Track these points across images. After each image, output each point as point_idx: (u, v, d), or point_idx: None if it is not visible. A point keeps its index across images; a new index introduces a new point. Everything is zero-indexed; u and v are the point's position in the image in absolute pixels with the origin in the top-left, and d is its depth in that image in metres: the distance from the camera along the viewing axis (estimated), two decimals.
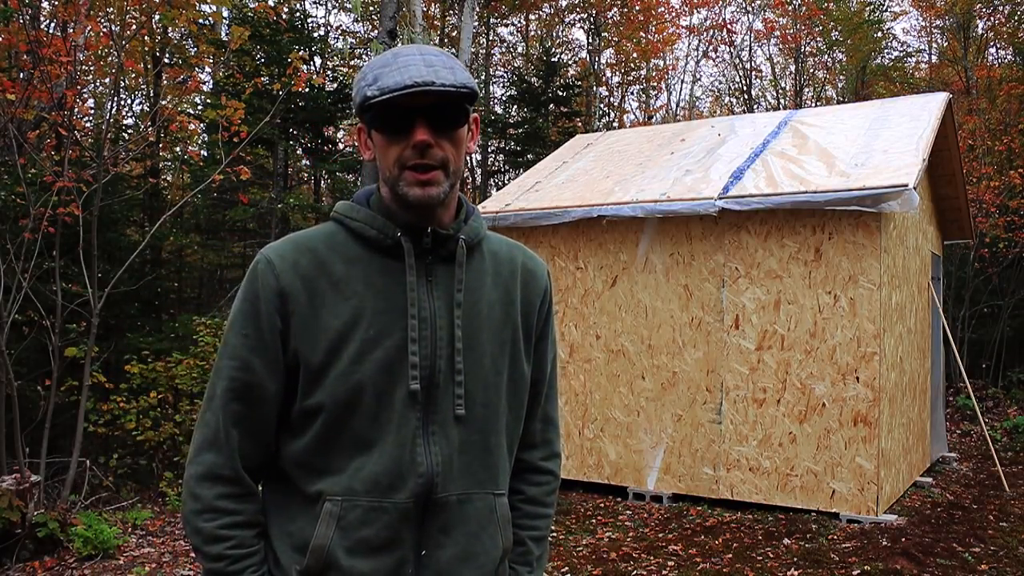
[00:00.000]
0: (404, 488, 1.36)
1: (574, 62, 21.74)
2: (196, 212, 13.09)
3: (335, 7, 19.62)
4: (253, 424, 1.39)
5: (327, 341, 1.36)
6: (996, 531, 5.78)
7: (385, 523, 1.35)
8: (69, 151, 6.90)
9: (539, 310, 1.56)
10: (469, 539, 1.42)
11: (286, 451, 1.40)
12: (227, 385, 1.38)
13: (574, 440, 7.10)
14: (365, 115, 1.37)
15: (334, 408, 1.35)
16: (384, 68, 1.34)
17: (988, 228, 12.50)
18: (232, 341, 1.39)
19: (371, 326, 1.37)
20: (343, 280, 1.38)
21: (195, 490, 1.37)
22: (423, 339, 1.38)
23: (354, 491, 1.35)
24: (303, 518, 1.37)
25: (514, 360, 1.50)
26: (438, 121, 1.34)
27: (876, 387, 5.89)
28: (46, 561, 5.24)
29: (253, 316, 1.37)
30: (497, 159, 18.11)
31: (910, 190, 5.65)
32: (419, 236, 1.40)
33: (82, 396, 6.47)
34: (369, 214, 1.41)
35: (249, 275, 1.40)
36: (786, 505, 6.17)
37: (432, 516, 1.38)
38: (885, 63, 21.34)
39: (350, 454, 1.36)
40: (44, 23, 10.31)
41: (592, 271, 7.09)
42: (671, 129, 8.89)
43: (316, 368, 1.36)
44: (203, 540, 1.35)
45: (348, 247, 1.41)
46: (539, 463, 1.62)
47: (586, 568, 5.05)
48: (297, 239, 1.42)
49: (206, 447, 1.38)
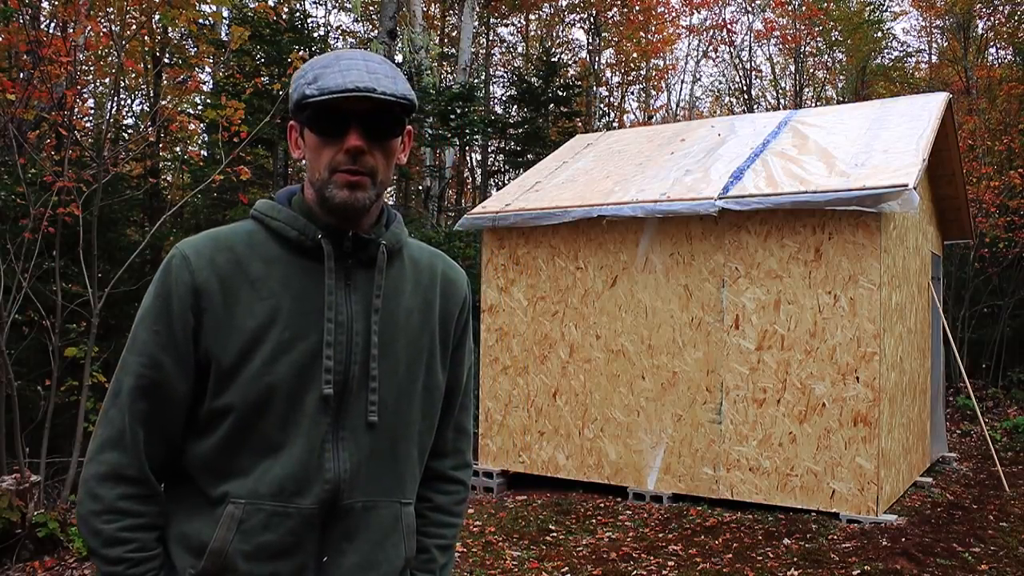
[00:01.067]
0: (310, 494, 1.33)
1: (574, 62, 21.75)
2: (196, 212, 13.10)
3: (335, 7, 19.63)
4: (160, 423, 1.34)
5: (241, 341, 1.33)
6: (996, 531, 5.78)
7: (288, 528, 1.33)
8: (69, 151, 6.90)
9: (457, 319, 1.56)
10: (372, 547, 1.41)
11: (190, 451, 1.36)
12: (134, 383, 1.33)
13: (574, 440, 7.10)
14: (301, 113, 1.36)
15: (244, 409, 1.32)
16: (325, 68, 1.33)
17: (988, 228, 12.50)
18: (141, 337, 1.34)
19: (287, 328, 1.34)
20: (260, 279, 1.36)
21: (95, 490, 1.31)
22: (339, 343, 1.36)
23: (259, 494, 1.32)
24: (200, 520, 1.34)
25: (429, 368, 1.49)
26: (373, 129, 1.34)
27: (876, 387, 5.90)
28: (46, 561, 5.24)
29: (164, 312, 1.34)
30: (497, 159, 18.11)
31: (910, 190, 5.65)
32: (340, 239, 1.38)
33: (82, 396, 6.47)
34: (291, 215, 1.39)
35: (163, 270, 1.36)
36: (786, 505, 6.17)
37: (335, 522, 1.37)
38: (885, 63, 21.35)
39: (257, 457, 1.33)
40: (44, 23, 10.31)
41: (592, 271, 7.09)
42: (671, 129, 8.89)
43: (228, 368, 1.33)
44: (102, 542, 1.30)
45: (267, 247, 1.38)
46: (449, 472, 1.61)
47: (586, 568, 5.05)
48: (216, 236, 1.39)
49: (109, 446, 1.33)
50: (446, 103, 12.67)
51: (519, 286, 7.45)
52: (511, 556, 5.32)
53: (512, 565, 5.15)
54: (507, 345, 7.47)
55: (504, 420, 7.45)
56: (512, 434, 7.41)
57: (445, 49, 19.22)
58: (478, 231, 7.95)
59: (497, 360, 7.52)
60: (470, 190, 20.40)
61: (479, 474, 7.48)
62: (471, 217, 7.63)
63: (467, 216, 7.69)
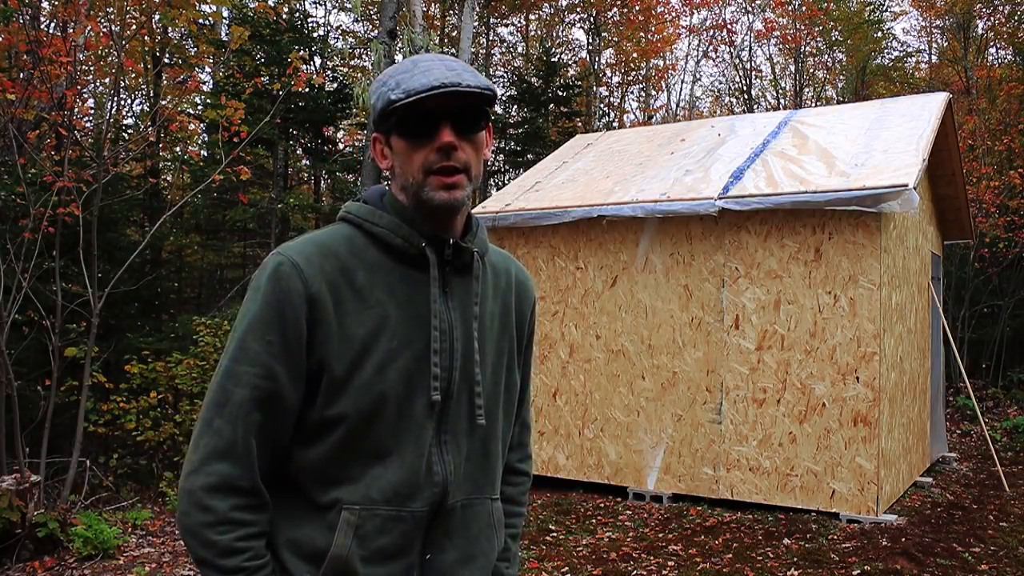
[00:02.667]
0: (421, 497, 1.37)
1: (574, 62, 21.75)
2: (196, 212, 13.10)
3: (335, 7, 19.63)
4: (271, 434, 1.34)
5: (352, 351, 1.34)
6: (996, 531, 5.78)
7: (401, 531, 1.36)
8: (69, 151, 6.90)
9: (529, 321, 1.62)
10: (469, 542, 1.45)
11: (298, 459, 1.37)
12: (249, 394, 1.31)
13: (574, 440, 7.10)
14: (387, 121, 1.36)
15: (356, 418, 1.34)
16: (405, 74, 1.34)
17: (988, 228, 12.50)
18: (253, 347, 1.32)
19: (394, 336, 1.36)
20: (366, 287, 1.36)
21: (206, 501, 1.29)
22: (443, 350, 1.39)
23: (372, 500, 1.34)
24: (310, 526, 1.35)
25: (509, 369, 1.54)
26: (462, 124, 1.35)
27: (876, 387, 5.89)
28: (46, 561, 5.23)
29: (278, 321, 1.32)
30: (497, 159, 18.10)
31: (910, 190, 5.65)
32: (441, 247, 1.40)
33: (82, 396, 6.47)
34: (393, 221, 1.39)
35: (271, 276, 1.33)
36: (786, 505, 6.17)
37: (438, 522, 1.40)
38: (885, 63, 21.35)
39: (367, 463, 1.35)
40: (44, 23, 10.31)
41: (592, 271, 7.09)
42: (671, 129, 8.89)
43: (339, 377, 1.33)
44: (217, 553, 1.29)
45: (368, 253, 1.39)
46: (516, 464, 1.67)
47: (586, 568, 5.05)
48: (318, 242, 1.38)
49: (217, 456, 1.31)
50: None
51: None
52: None
53: None
54: None
55: None
56: None
57: (445, 49, 19.22)
58: None
59: None
60: None
61: None
62: None
63: None
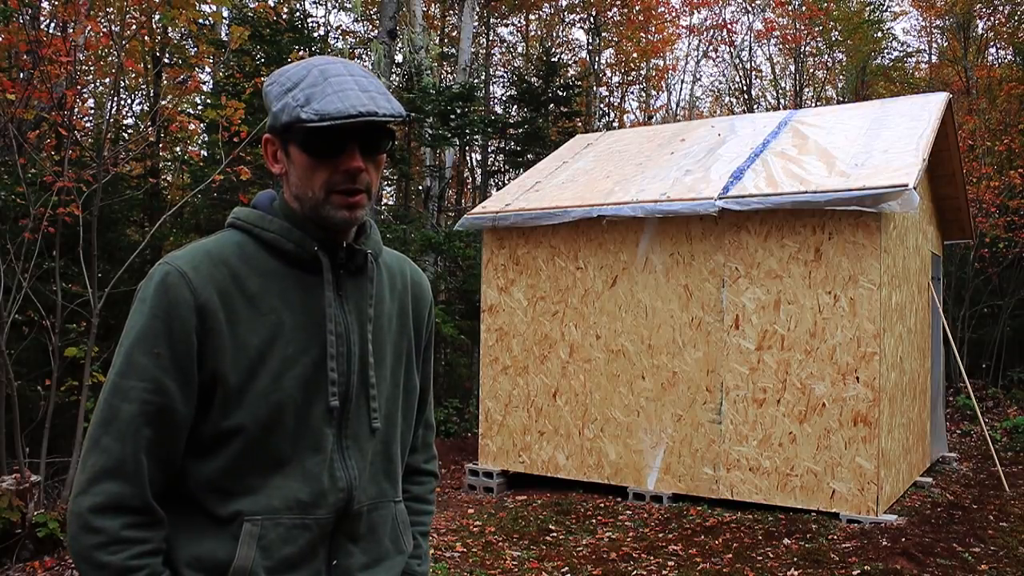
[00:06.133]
0: (325, 504, 1.35)
1: (574, 62, 21.75)
2: (196, 212, 13.08)
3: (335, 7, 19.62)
4: (164, 450, 1.29)
5: (247, 360, 1.30)
6: (996, 531, 5.78)
7: (307, 539, 1.34)
8: (69, 151, 6.90)
9: (427, 322, 1.61)
10: (376, 546, 1.45)
11: (195, 473, 1.32)
12: (138, 409, 1.26)
13: (574, 440, 7.10)
14: (287, 131, 1.32)
15: (255, 428, 1.30)
16: (315, 88, 1.29)
17: (988, 228, 12.50)
18: (141, 360, 1.27)
19: (289, 343, 1.34)
20: (258, 295, 1.33)
21: (94, 523, 1.24)
22: (340, 355, 1.38)
23: (275, 509, 1.32)
24: (211, 541, 1.31)
25: (408, 371, 1.54)
26: (368, 146, 1.33)
27: (876, 387, 5.89)
28: (46, 561, 5.23)
29: (165, 334, 1.28)
30: (497, 159, 18.10)
31: (910, 190, 5.65)
32: (333, 250, 1.39)
33: (82, 396, 6.47)
34: (284, 226, 1.37)
35: (158, 286, 1.29)
36: (786, 505, 6.17)
37: (344, 527, 1.40)
38: (885, 63, 21.35)
39: (268, 473, 1.32)
40: (44, 23, 10.31)
41: (592, 271, 7.09)
42: (671, 129, 8.89)
43: (235, 388, 1.30)
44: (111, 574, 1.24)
45: (260, 259, 1.36)
46: (422, 465, 1.69)
47: (586, 568, 5.05)
48: (207, 249, 1.35)
49: (106, 476, 1.25)
50: (446, 103, 12.66)
51: (519, 286, 7.45)
52: (511, 556, 5.32)
53: (512, 565, 5.15)
54: (507, 345, 7.47)
55: (504, 420, 7.45)
56: (512, 434, 7.41)
57: (445, 49, 19.22)
58: (478, 231, 7.95)
59: (497, 360, 7.52)
60: (470, 190, 20.39)
61: (479, 474, 7.48)
62: (471, 217, 7.63)
63: (467, 216, 7.70)
